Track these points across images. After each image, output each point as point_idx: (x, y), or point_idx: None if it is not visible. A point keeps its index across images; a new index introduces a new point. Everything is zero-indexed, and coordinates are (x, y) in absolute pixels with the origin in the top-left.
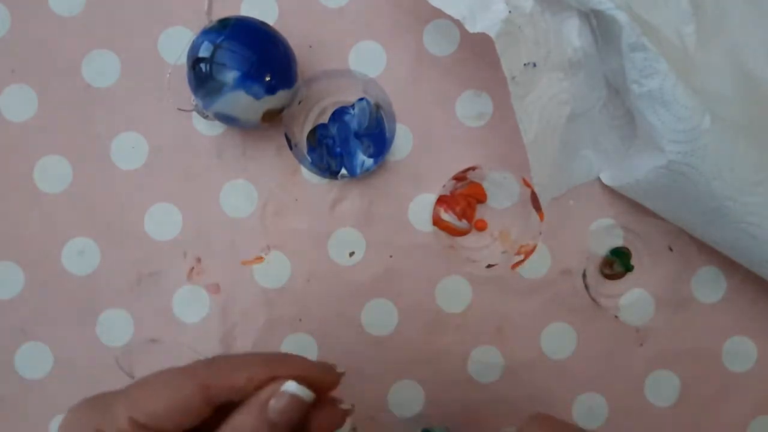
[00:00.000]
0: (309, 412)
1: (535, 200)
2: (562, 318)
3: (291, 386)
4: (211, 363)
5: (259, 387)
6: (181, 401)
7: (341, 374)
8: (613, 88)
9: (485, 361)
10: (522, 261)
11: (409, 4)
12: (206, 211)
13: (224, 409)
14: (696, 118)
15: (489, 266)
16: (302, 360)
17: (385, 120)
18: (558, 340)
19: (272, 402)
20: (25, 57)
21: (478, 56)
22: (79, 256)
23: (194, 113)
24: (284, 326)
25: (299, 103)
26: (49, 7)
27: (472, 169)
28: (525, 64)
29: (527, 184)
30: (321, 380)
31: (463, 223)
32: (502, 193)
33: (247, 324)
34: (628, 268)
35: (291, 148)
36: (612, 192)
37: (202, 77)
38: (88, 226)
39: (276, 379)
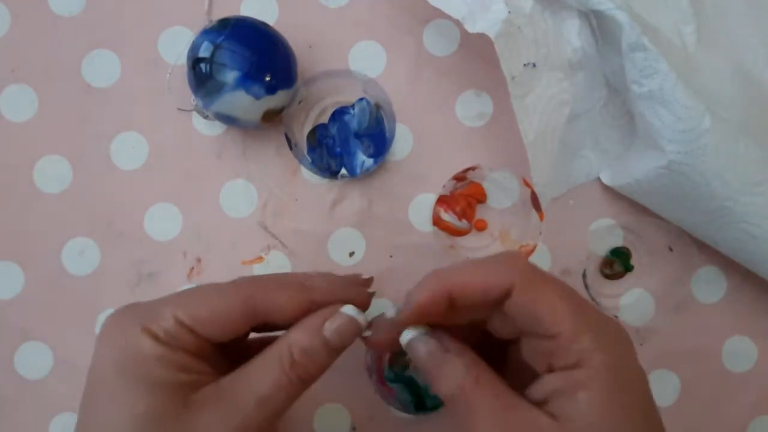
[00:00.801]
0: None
1: (535, 200)
2: None
3: (349, 309)
4: (255, 279)
5: (299, 309)
6: (225, 309)
7: (372, 294)
8: (613, 88)
9: None
10: None
11: (409, 4)
12: (206, 211)
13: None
14: (696, 118)
15: None
16: (337, 281)
17: (385, 120)
18: None
19: (329, 323)
20: (25, 57)
21: (478, 56)
22: (79, 256)
23: (194, 113)
24: None
25: (299, 103)
26: (49, 7)
27: (472, 169)
28: (525, 65)
29: (527, 184)
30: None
31: (463, 223)
32: (502, 193)
33: None
34: (628, 268)
35: (291, 148)
36: (612, 192)
37: (202, 77)
38: (88, 226)
39: (313, 302)
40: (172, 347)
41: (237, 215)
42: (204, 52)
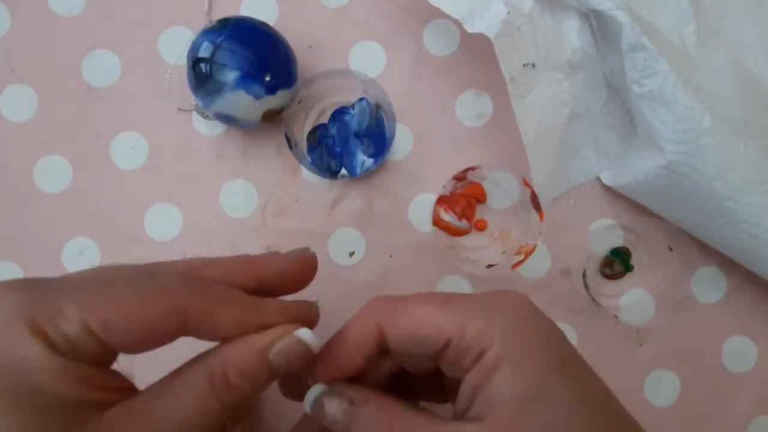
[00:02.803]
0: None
1: (535, 200)
2: (562, 318)
3: (305, 334)
4: (193, 286)
5: (243, 332)
6: (149, 320)
7: (318, 312)
8: (613, 88)
9: None
10: (522, 261)
11: (409, 4)
12: (206, 211)
13: None
14: (696, 118)
15: (489, 266)
16: (287, 303)
17: (385, 120)
18: None
19: (279, 345)
20: (25, 57)
21: (478, 56)
22: (79, 256)
23: (194, 113)
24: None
25: (299, 103)
26: (49, 7)
27: (472, 169)
28: (524, 65)
29: (527, 184)
30: (306, 321)
31: (463, 223)
32: (502, 193)
33: None
34: (628, 268)
35: (291, 148)
36: (612, 192)
37: (202, 77)
38: (88, 226)
39: (264, 326)
40: (73, 359)
41: (237, 215)
42: (204, 52)
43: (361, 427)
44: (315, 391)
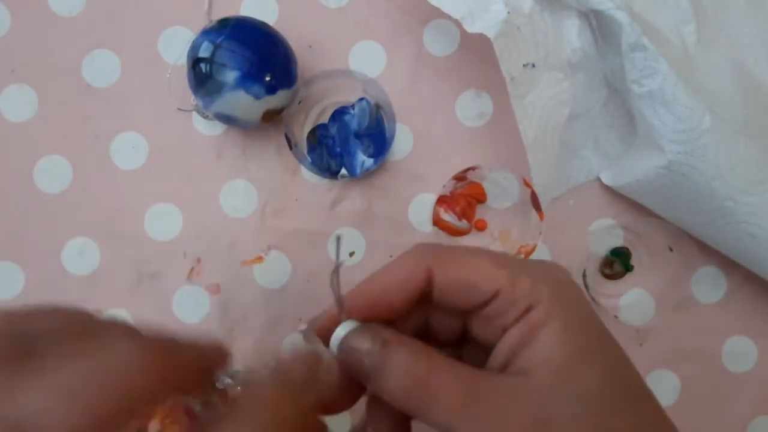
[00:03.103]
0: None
1: (535, 200)
2: None
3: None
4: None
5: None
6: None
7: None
8: (613, 88)
9: None
10: None
11: (409, 4)
12: (206, 211)
13: None
14: (696, 118)
15: None
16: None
17: (385, 120)
18: None
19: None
20: (25, 57)
21: (478, 56)
22: (79, 256)
23: (194, 113)
24: (284, 326)
25: (299, 103)
26: (49, 7)
27: (472, 169)
28: (524, 65)
29: (527, 184)
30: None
31: (463, 223)
32: (502, 193)
33: (247, 324)
34: (628, 268)
35: (291, 148)
36: (612, 192)
37: (202, 77)
38: (88, 226)
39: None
40: None
41: (237, 215)
42: (204, 52)
43: (395, 369)
44: (346, 327)
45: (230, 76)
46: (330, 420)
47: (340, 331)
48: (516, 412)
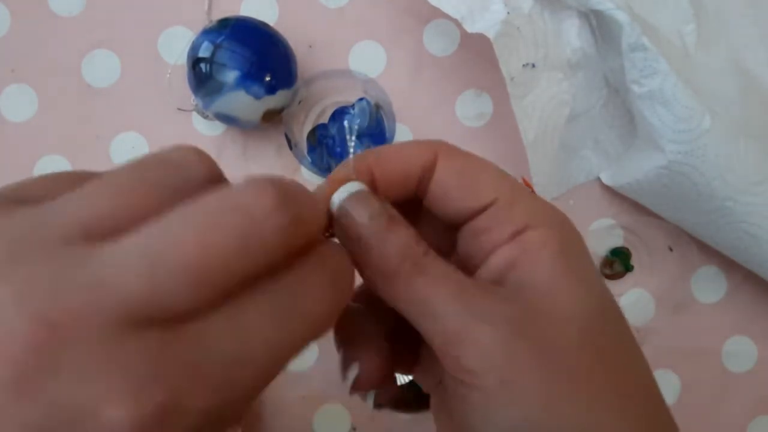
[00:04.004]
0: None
1: None
2: None
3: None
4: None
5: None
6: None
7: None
8: (613, 88)
9: None
10: None
11: (409, 4)
12: None
13: None
14: (696, 118)
15: None
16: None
17: (385, 120)
18: None
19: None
20: (25, 57)
21: (478, 56)
22: None
23: (194, 113)
24: None
25: (299, 103)
26: (49, 7)
27: None
28: (524, 65)
29: (527, 184)
30: None
31: None
32: None
33: None
34: (628, 268)
35: (291, 148)
36: (612, 192)
37: (202, 77)
38: None
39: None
40: None
41: None
42: (204, 52)
43: (394, 246)
44: (354, 186)
45: (230, 76)
46: (330, 420)
47: (347, 188)
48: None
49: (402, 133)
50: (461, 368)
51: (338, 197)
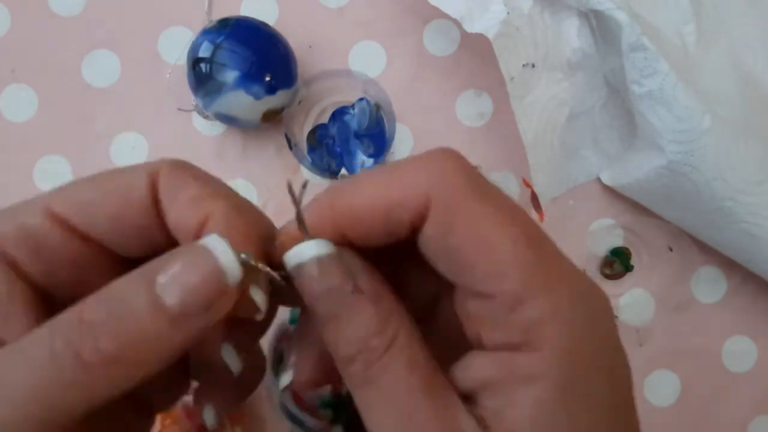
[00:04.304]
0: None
1: (535, 200)
2: None
3: (214, 241)
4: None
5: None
6: (124, 191)
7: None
8: (613, 88)
9: None
10: None
11: (409, 4)
12: None
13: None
14: (696, 118)
15: None
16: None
17: (385, 120)
18: None
19: (161, 276)
20: (25, 57)
21: (478, 56)
22: None
23: (194, 113)
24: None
25: (299, 103)
26: (49, 7)
27: None
28: (524, 65)
29: (527, 184)
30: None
31: None
32: None
33: None
34: (628, 268)
35: (291, 148)
36: (612, 192)
37: (202, 77)
38: None
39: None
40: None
41: None
42: (204, 52)
43: (354, 331)
44: (317, 247)
45: (230, 76)
46: None
47: (302, 251)
48: None
49: (402, 133)
50: None
51: (290, 260)
